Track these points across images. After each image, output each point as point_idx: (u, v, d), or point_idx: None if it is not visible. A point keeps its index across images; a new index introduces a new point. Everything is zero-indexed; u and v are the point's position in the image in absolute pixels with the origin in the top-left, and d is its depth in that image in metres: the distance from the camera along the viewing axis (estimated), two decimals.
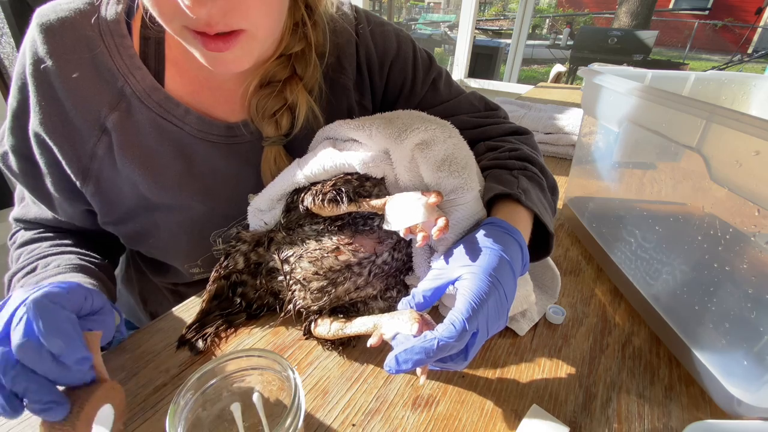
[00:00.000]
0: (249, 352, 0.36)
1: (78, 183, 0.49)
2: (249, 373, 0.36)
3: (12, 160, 0.50)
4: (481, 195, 0.48)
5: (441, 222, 0.40)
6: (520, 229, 0.43)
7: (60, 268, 0.48)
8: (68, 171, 0.49)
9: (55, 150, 0.47)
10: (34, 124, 0.46)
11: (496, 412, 0.42)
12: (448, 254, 0.42)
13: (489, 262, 0.38)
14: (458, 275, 0.38)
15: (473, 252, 0.40)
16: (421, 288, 0.40)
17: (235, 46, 0.41)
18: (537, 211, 0.47)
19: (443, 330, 0.35)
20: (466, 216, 0.45)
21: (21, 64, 0.45)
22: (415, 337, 0.37)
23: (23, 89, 0.46)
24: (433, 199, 0.41)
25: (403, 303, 0.41)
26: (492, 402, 0.43)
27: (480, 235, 0.41)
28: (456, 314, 0.35)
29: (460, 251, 0.41)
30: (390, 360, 0.36)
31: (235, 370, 0.36)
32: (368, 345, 0.40)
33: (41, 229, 0.57)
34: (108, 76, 0.46)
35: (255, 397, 0.36)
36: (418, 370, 0.38)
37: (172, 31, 0.41)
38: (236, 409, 0.36)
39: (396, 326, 0.40)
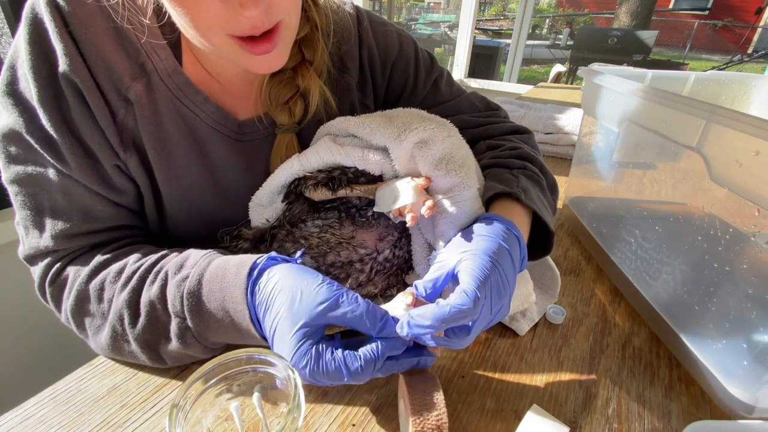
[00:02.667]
0: (249, 352, 0.36)
1: (120, 154, 0.45)
2: (249, 373, 0.36)
3: (57, 140, 0.41)
4: (481, 194, 0.48)
5: (429, 202, 0.42)
6: (517, 224, 0.44)
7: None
8: (109, 138, 0.44)
9: (93, 110, 0.42)
10: (68, 71, 0.40)
11: (496, 412, 0.42)
12: (447, 248, 0.42)
13: (488, 245, 0.38)
14: (457, 261, 0.39)
15: (470, 240, 0.40)
16: (423, 281, 0.40)
17: (277, 41, 0.41)
18: (537, 210, 0.47)
19: (456, 298, 0.35)
20: (464, 213, 0.45)
21: (33, 26, 0.40)
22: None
23: (40, 44, 0.40)
24: (421, 181, 0.44)
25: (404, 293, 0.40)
26: (492, 402, 0.43)
27: (476, 226, 0.42)
28: (465, 286, 0.35)
29: (455, 242, 0.41)
30: (402, 323, 0.36)
31: (236, 371, 0.36)
32: None
33: (99, 240, 0.47)
34: (131, 49, 0.44)
35: (255, 397, 0.36)
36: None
37: (211, 44, 0.40)
38: (236, 409, 0.36)
39: (390, 308, 0.39)
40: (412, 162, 0.47)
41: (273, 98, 0.53)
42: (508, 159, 0.55)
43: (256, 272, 0.39)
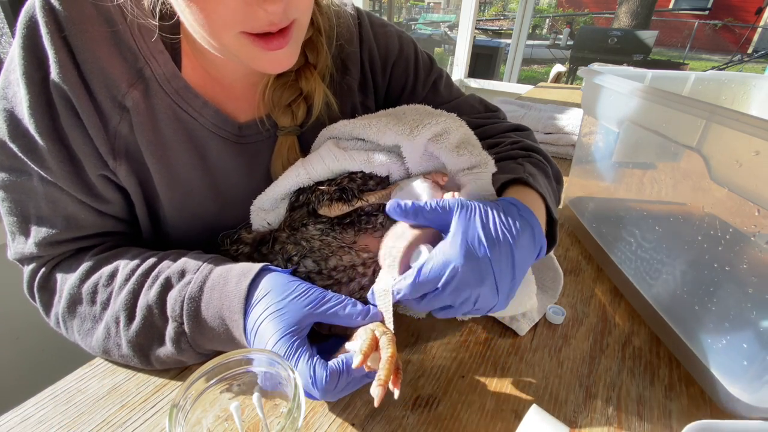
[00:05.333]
0: (249, 352, 0.36)
1: (109, 163, 0.45)
2: (249, 373, 0.36)
3: (41, 145, 0.41)
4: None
5: (448, 195, 0.44)
6: (534, 210, 0.43)
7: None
8: (98, 147, 0.44)
9: (83, 118, 0.42)
10: (58, 79, 0.40)
11: (496, 412, 0.42)
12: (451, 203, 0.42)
13: (468, 229, 0.38)
14: (446, 230, 0.39)
15: (461, 219, 0.39)
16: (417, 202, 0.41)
17: (290, 38, 0.41)
18: (544, 194, 0.47)
19: (404, 278, 0.38)
20: (480, 188, 0.45)
21: (28, 29, 0.39)
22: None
23: (33, 49, 0.40)
24: (440, 180, 0.45)
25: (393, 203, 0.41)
26: (492, 402, 0.43)
27: (483, 204, 0.41)
28: (410, 272, 0.38)
29: (455, 207, 0.41)
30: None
31: (236, 371, 0.36)
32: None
33: (84, 245, 0.48)
34: (128, 54, 0.43)
35: (255, 397, 0.36)
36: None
37: (221, 43, 0.40)
38: (236, 409, 0.36)
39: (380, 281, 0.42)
40: (425, 158, 0.47)
41: (276, 100, 0.53)
42: (512, 151, 0.55)
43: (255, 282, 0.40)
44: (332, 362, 0.35)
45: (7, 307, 1.05)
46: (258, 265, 0.41)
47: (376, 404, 0.33)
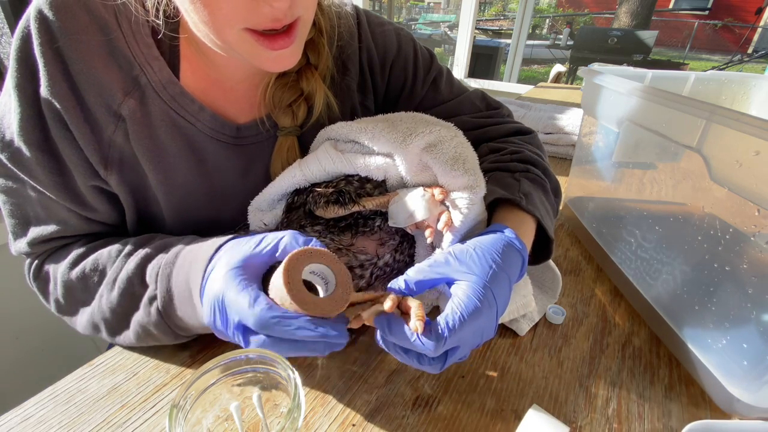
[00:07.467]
0: (249, 353, 0.36)
1: (100, 172, 0.45)
2: (249, 373, 0.36)
3: (28, 157, 0.42)
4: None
5: (444, 217, 0.42)
6: (525, 239, 0.44)
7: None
8: (89, 158, 0.44)
9: (73, 130, 0.42)
10: (46, 93, 0.40)
11: (496, 412, 0.42)
12: (453, 253, 0.41)
13: (489, 276, 0.38)
14: (456, 278, 0.38)
15: (473, 260, 0.39)
16: (412, 276, 0.39)
17: (295, 37, 0.41)
18: (539, 216, 0.47)
19: (425, 339, 0.35)
20: (471, 216, 0.44)
21: (22, 41, 0.40)
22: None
23: (26, 61, 0.40)
24: (438, 194, 0.43)
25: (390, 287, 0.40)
26: (492, 402, 0.43)
27: (484, 243, 0.41)
28: (441, 325, 0.35)
29: (464, 255, 0.40)
30: (377, 337, 0.38)
31: (235, 371, 0.36)
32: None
33: (72, 241, 0.50)
34: (123, 62, 0.43)
35: (255, 397, 0.36)
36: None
37: (225, 41, 0.40)
38: (236, 409, 0.36)
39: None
40: (421, 167, 0.46)
41: (276, 101, 0.53)
42: (510, 162, 0.55)
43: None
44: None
45: (7, 307, 1.05)
46: (230, 236, 0.42)
47: (420, 330, 0.34)
